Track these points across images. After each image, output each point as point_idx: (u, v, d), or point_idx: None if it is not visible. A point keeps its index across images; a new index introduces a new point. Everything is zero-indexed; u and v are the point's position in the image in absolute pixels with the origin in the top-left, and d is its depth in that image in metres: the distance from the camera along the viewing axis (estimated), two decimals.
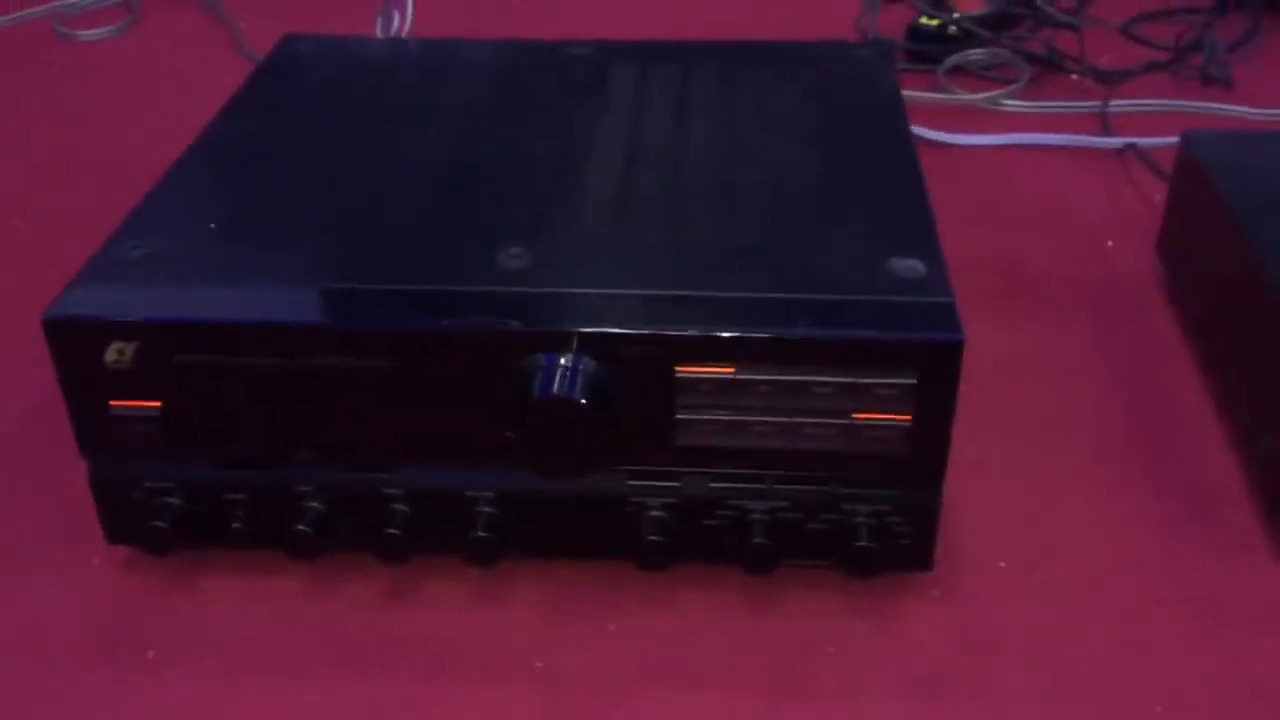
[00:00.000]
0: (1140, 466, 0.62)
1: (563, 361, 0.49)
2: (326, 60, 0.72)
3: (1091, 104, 0.95)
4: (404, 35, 0.89)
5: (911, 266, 0.52)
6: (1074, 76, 1.01)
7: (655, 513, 0.53)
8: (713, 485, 0.53)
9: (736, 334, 0.49)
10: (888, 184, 0.58)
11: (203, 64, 1.04)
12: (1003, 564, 0.57)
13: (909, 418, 0.50)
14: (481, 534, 0.53)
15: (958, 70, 1.01)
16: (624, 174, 0.60)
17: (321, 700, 0.51)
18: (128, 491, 0.54)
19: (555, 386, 0.49)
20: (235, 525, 0.55)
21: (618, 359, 0.50)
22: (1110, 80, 0.99)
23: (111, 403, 0.52)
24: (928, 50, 1.01)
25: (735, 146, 0.62)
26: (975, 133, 0.92)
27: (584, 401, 0.49)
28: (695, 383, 0.50)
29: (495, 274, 0.52)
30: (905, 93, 0.68)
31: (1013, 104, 0.97)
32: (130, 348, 0.51)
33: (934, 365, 0.49)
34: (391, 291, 0.52)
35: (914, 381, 0.49)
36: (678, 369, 0.50)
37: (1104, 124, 0.93)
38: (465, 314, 0.50)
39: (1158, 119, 0.93)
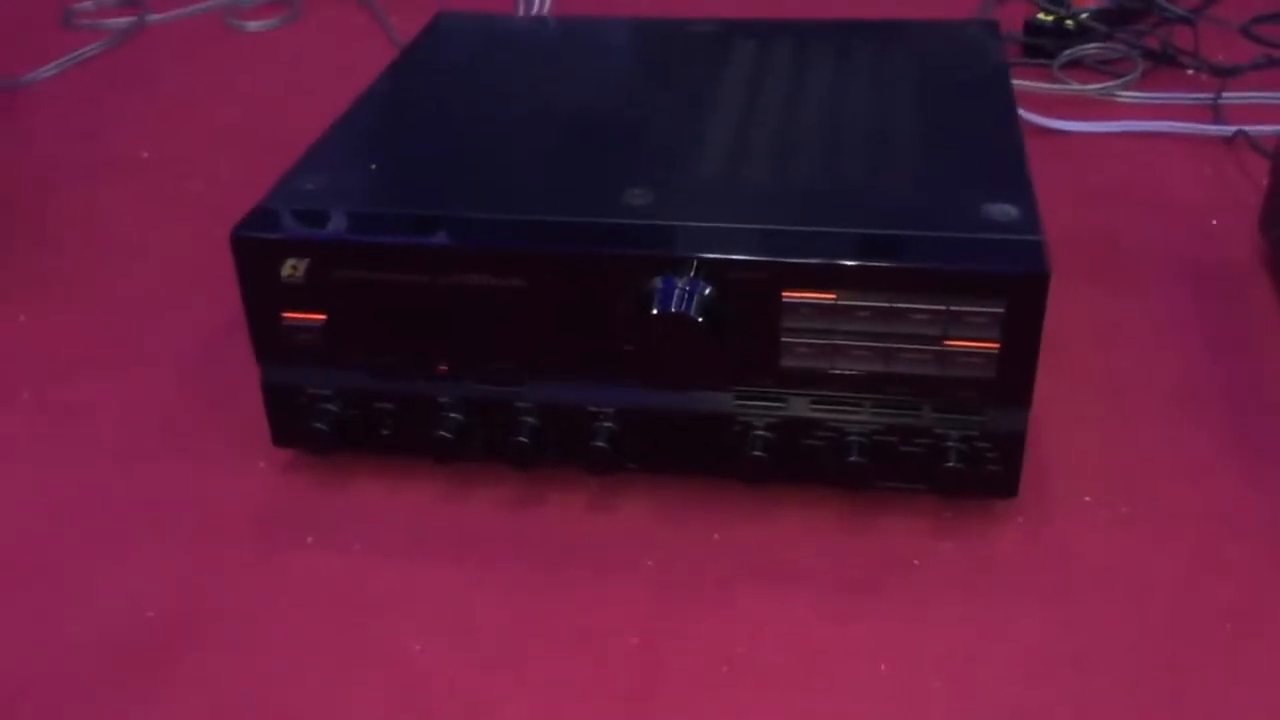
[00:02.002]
0: (1227, 419, 0.65)
1: (681, 283, 0.55)
2: (473, 34, 0.80)
3: (1204, 96, 0.98)
4: (544, 14, 0.97)
5: (1005, 210, 0.56)
6: (1189, 71, 1.03)
7: (760, 432, 0.58)
8: (813, 407, 0.58)
9: (838, 262, 0.54)
10: (987, 139, 0.63)
11: (356, 51, 1.13)
12: (1088, 499, 0.60)
13: (997, 345, 0.54)
14: (601, 445, 0.59)
15: (1071, 64, 1.04)
16: (739, 129, 0.65)
17: (448, 581, 0.57)
18: (293, 396, 0.61)
19: (673, 304, 0.54)
20: (384, 432, 0.62)
21: (730, 283, 0.55)
22: (1224, 75, 1.01)
23: (284, 314, 0.59)
24: (1042, 44, 1.05)
25: (842, 104, 0.67)
26: (1087, 119, 0.95)
27: (699, 319, 0.54)
28: (799, 307, 0.55)
29: (621, 209, 0.58)
30: (1019, 83, 0.72)
31: (1126, 95, 0.99)
32: (303, 264, 0.58)
33: (1021, 295, 0.53)
34: (527, 221, 0.58)
35: (1002, 310, 0.54)
36: (784, 294, 0.55)
37: (1216, 115, 0.95)
38: (593, 241, 0.56)
39: (1270, 110, 0.95)
